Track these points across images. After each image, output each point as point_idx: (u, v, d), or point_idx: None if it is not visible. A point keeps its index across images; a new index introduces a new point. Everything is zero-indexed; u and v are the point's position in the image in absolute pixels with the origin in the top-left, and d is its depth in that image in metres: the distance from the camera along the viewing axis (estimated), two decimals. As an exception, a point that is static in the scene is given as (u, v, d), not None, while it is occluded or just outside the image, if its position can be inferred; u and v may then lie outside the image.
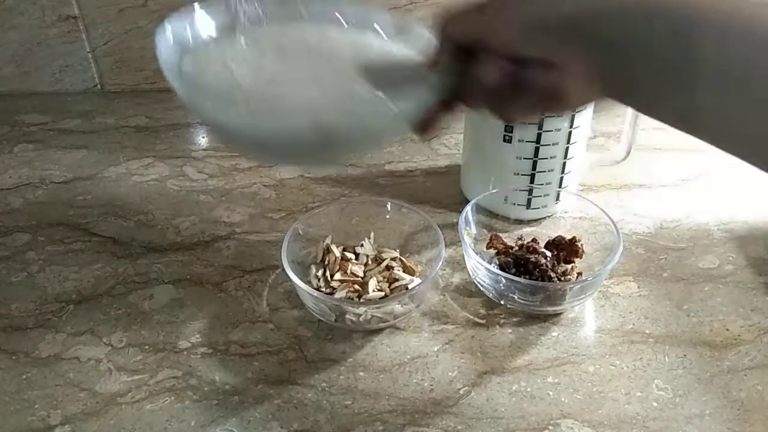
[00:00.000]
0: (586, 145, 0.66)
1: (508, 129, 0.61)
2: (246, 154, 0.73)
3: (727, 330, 0.55)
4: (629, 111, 0.65)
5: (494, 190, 0.64)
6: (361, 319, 0.54)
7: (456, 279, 0.60)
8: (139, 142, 0.83)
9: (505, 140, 0.62)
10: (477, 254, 0.56)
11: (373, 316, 0.54)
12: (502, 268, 0.57)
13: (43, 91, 0.93)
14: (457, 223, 0.60)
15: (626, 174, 0.74)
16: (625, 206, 0.69)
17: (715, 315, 0.56)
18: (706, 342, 0.54)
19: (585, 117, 0.62)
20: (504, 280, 0.55)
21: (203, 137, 0.85)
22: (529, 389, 0.50)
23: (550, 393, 0.50)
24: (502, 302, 0.57)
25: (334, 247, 0.60)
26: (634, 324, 0.56)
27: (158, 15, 0.88)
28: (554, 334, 0.55)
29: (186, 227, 0.68)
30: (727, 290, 0.59)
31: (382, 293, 0.56)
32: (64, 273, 0.62)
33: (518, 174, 0.63)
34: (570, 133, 0.61)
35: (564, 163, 0.63)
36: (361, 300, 0.56)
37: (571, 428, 0.47)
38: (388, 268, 0.59)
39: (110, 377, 0.52)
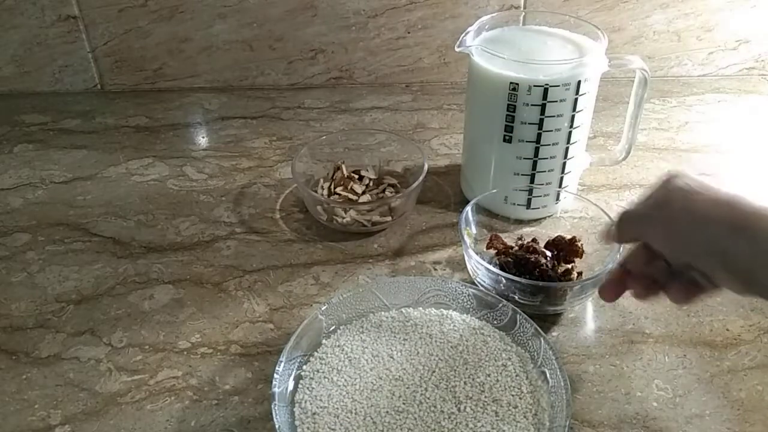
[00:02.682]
0: (586, 145, 0.66)
1: (508, 129, 0.61)
2: None
3: (727, 330, 0.55)
4: (629, 111, 0.65)
5: (494, 190, 0.64)
6: (344, 221, 0.64)
7: (456, 279, 0.60)
8: (139, 142, 0.83)
9: (505, 140, 0.62)
10: (477, 254, 0.56)
11: (355, 220, 0.64)
12: (502, 268, 0.57)
13: (43, 91, 0.93)
14: (457, 223, 0.60)
15: (626, 174, 0.74)
16: (625, 206, 0.69)
17: (715, 315, 0.56)
18: (706, 342, 0.54)
19: (585, 117, 0.62)
20: (504, 281, 0.55)
21: (203, 137, 0.85)
22: (529, 389, 0.50)
23: (550, 393, 0.50)
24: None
25: (344, 167, 0.70)
26: (634, 324, 0.56)
27: (158, 15, 0.88)
28: (554, 334, 0.55)
29: (186, 227, 0.68)
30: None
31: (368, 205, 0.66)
32: (64, 273, 0.62)
33: (518, 174, 0.63)
34: (570, 133, 0.61)
35: (564, 163, 0.63)
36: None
37: (572, 428, 0.47)
38: (385, 190, 0.69)
39: (110, 377, 0.52)
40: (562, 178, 0.64)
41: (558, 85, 0.58)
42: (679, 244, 0.40)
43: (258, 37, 0.90)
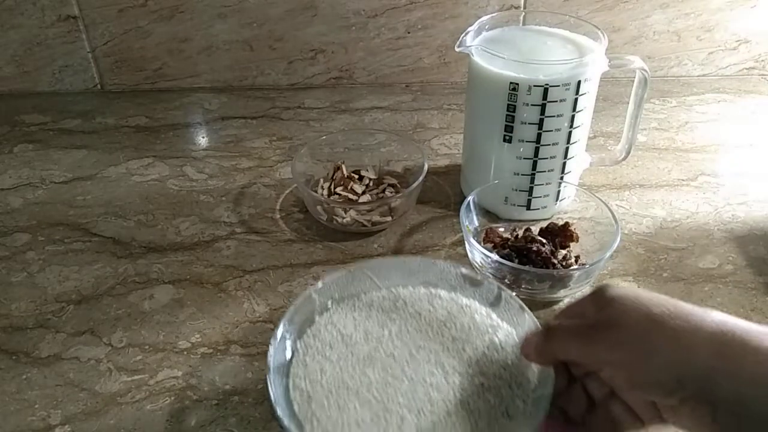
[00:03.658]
0: (586, 145, 0.66)
1: (508, 129, 0.61)
2: None
3: (727, 330, 0.55)
4: (629, 111, 0.65)
5: (495, 181, 0.64)
6: (344, 221, 0.65)
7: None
8: (139, 142, 0.83)
9: (505, 140, 0.62)
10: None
11: (355, 220, 0.65)
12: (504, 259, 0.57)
13: (43, 91, 0.93)
14: (458, 220, 0.60)
15: (626, 174, 0.74)
16: (625, 206, 0.69)
17: (715, 315, 0.56)
18: (706, 342, 0.54)
19: (585, 117, 0.62)
20: (512, 270, 0.55)
21: (203, 137, 0.85)
22: (529, 389, 0.50)
23: (550, 393, 0.50)
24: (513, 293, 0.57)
25: (344, 167, 0.70)
26: (634, 324, 0.55)
27: (158, 15, 0.88)
28: (554, 334, 0.55)
29: (186, 227, 0.68)
30: (727, 290, 0.59)
31: (368, 205, 0.66)
32: (64, 273, 0.62)
33: (518, 174, 0.63)
34: (570, 133, 0.61)
35: (564, 163, 0.63)
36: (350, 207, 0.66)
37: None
38: (385, 190, 0.70)
39: (110, 377, 0.52)
40: (562, 179, 0.64)
41: (558, 85, 0.58)
42: (642, 367, 0.34)
43: (258, 37, 0.90)
